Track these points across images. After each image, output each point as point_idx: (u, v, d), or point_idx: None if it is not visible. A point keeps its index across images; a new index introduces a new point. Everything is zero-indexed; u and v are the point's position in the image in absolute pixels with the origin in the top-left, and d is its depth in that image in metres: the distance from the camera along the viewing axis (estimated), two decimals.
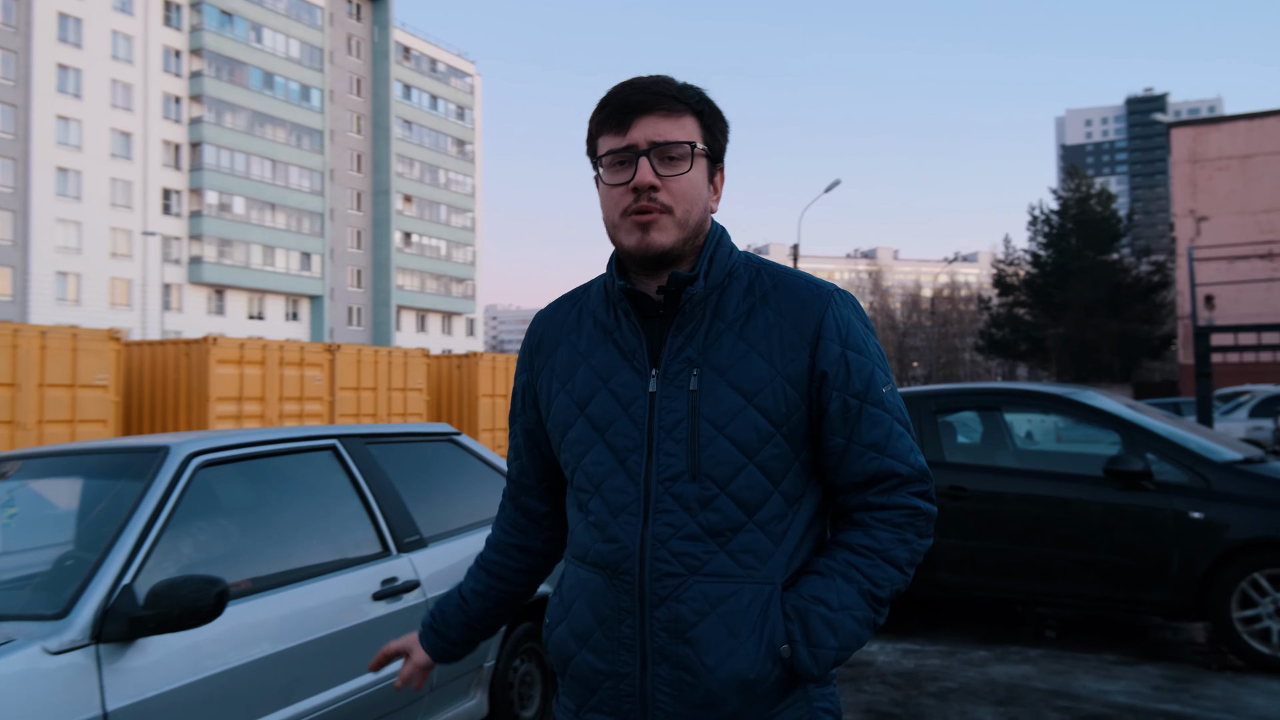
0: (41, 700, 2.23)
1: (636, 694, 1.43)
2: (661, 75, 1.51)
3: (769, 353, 1.45)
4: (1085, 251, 45.01)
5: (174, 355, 15.23)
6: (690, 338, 1.47)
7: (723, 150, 1.54)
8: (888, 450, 1.47)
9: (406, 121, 69.28)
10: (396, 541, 3.57)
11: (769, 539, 1.44)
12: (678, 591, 1.41)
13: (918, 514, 1.48)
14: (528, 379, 1.66)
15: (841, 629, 1.42)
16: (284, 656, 2.89)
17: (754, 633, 1.40)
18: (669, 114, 1.46)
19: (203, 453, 3.07)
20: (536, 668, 4.28)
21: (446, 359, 20.40)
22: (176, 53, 55.42)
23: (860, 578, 1.44)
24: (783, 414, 1.44)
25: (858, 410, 1.46)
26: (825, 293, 1.50)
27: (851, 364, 1.46)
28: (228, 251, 56.68)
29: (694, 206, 1.47)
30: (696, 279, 1.47)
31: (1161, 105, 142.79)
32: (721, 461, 1.42)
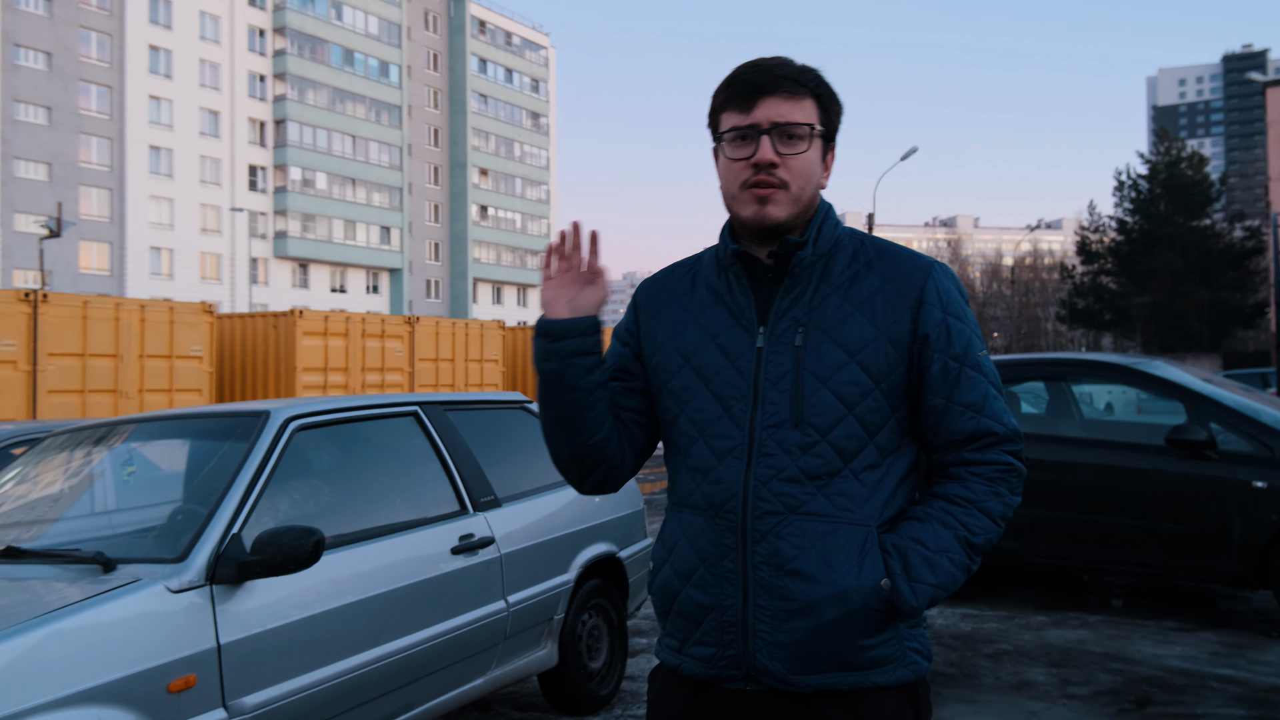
0: (165, 631, 2.55)
1: (738, 624, 1.54)
2: (783, 57, 1.61)
3: (872, 314, 1.56)
4: (1174, 217, 43.51)
5: (263, 327, 15.91)
6: (797, 300, 1.59)
7: (836, 130, 1.65)
8: (984, 410, 1.57)
9: (482, 95, 69.97)
10: (473, 501, 3.84)
11: (863, 486, 1.54)
12: (778, 528, 1.52)
13: (1010, 469, 1.58)
14: (631, 331, 1.73)
15: (939, 568, 1.52)
16: (372, 602, 3.18)
17: (854, 566, 1.51)
18: (790, 96, 1.56)
19: (299, 417, 3.36)
20: (603, 623, 4.55)
21: (521, 330, 20.84)
22: (261, 32, 56.81)
23: (956, 524, 1.55)
24: (883, 371, 1.55)
25: (957, 372, 1.57)
26: (927, 263, 1.62)
27: (952, 329, 1.58)
28: (311, 226, 58.19)
29: (808, 183, 1.59)
30: (806, 244, 1.59)
31: (1261, 62, 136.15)
32: (823, 411, 1.53)
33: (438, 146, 68.42)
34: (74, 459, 3.60)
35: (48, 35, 46.67)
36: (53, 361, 12.56)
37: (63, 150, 47.09)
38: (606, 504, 4.68)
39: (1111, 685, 4.54)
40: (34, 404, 12.31)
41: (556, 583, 4.15)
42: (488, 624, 3.69)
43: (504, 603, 3.79)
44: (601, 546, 4.53)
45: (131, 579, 2.61)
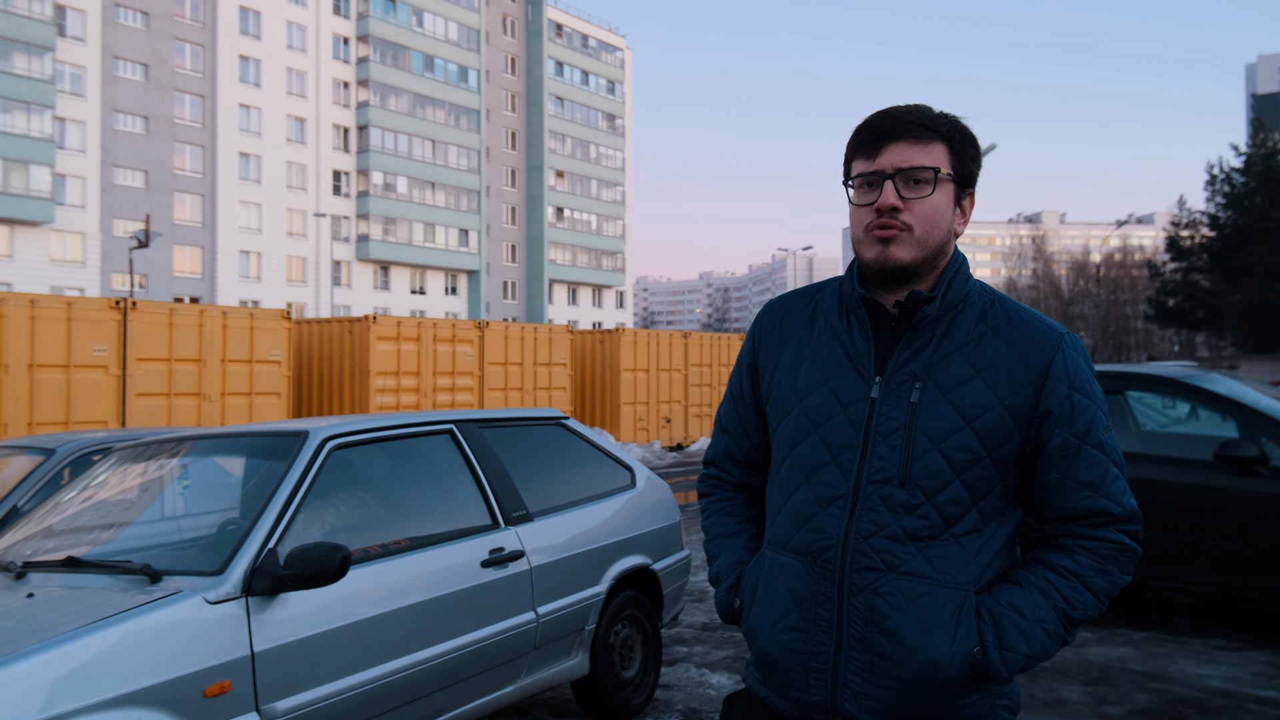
0: (202, 640, 2.77)
1: (828, 671, 1.57)
2: (918, 104, 1.63)
3: (994, 381, 1.55)
4: (1271, 212, 41.75)
5: (338, 332, 16.45)
6: (917, 353, 1.59)
7: (972, 176, 1.64)
8: (1101, 490, 1.56)
9: (559, 98, 70.69)
10: (504, 515, 4.01)
11: (964, 550, 1.55)
12: (876, 584, 1.54)
13: (1123, 550, 1.56)
14: (751, 363, 1.80)
15: (1032, 637, 1.52)
16: (403, 613, 3.38)
17: (948, 631, 1.52)
18: (917, 141, 1.57)
19: (337, 436, 3.58)
20: (637, 633, 4.68)
21: (590, 334, 21.09)
22: (345, 40, 58.36)
23: (1057, 595, 1.54)
24: (997, 441, 1.55)
25: (1077, 449, 1.55)
26: (1058, 335, 1.59)
27: (1077, 405, 1.56)
28: (392, 229, 59.57)
29: (934, 228, 1.58)
30: (934, 299, 1.59)
31: None
32: (932, 473, 1.54)
33: (515, 149, 69.36)
34: (137, 472, 3.88)
35: (145, 48, 48.68)
36: (141, 366, 13.21)
37: (158, 158, 49.08)
38: (641, 518, 4.81)
39: (1146, 705, 4.51)
40: (123, 406, 12.97)
41: (588, 594, 4.30)
42: (517, 634, 3.86)
43: (533, 614, 3.95)
44: (635, 559, 4.66)
45: (174, 590, 2.84)
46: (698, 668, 5.30)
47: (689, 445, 21.85)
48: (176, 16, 50.11)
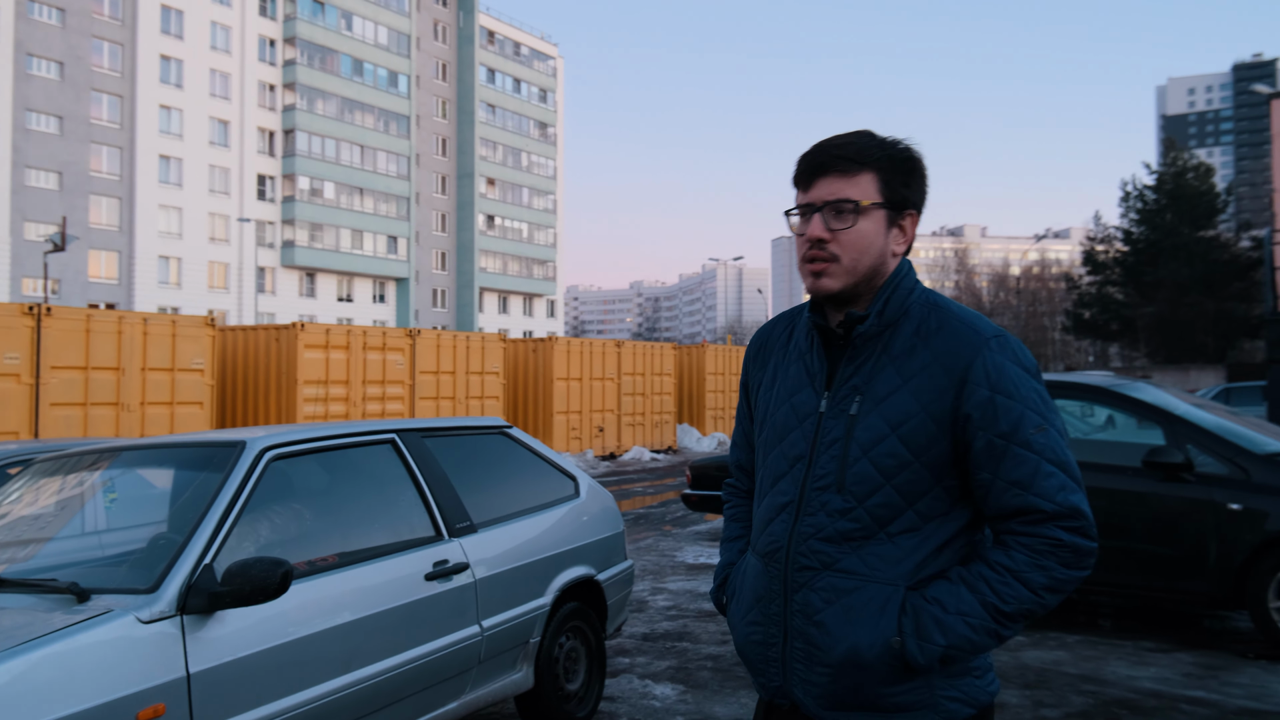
0: (135, 661, 2.64)
1: (779, 661, 1.73)
2: (857, 133, 1.71)
3: (919, 390, 1.63)
4: (1181, 228, 43.42)
5: (265, 340, 16.04)
6: (859, 368, 1.69)
7: (906, 198, 1.71)
8: (1032, 488, 1.58)
9: (490, 105, 70.28)
10: (448, 527, 3.92)
11: (897, 548, 1.63)
12: (812, 581, 1.68)
13: (1060, 545, 1.57)
14: (745, 382, 1.97)
15: (951, 630, 1.58)
16: (345, 629, 3.27)
17: (870, 623, 1.61)
18: (844, 174, 1.67)
19: (275, 447, 3.45)
20: (581, 645, 4.62)
21: (523, 343, 20.94)
22: (271, 42, 57.20)
23: (986, 590, 1.59)
24: (922, 445, 1.63)
25: (1003, 449, 1.60)
26: (982, 339, 1.64)
27: (999, 407, 1.60)
28: (318, 235, 58.49)
29: (863, 255, 1.67)
30: (867, 319, 1.69)
31: (1270, 72, 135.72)
32: (862, 480, 1.64)
33: (445, 156, 68.72)
34: (59, 485, 3.70)
35: (60, 45, 47.07)
36: (55, 374, 12.71)
37: (73, 159, 47.45)
38: (585, 528, 4.76)
39: (1083, 707, 4.60)
40: (36, 417, 12.46)
41: (532, 606, 4.23)
42: (461, 649, 3.77)
43: (478, 627, 3.87)
44: (580, 570, 4.60)
45: (104, 610, 2.69)
46: (640, 679, 5.26)
47: (622, 454, 21.81)
48: (94, 14, 48.57)
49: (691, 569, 8.59)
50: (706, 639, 6.09)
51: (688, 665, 5.51)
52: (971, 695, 1.66)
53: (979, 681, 1.68)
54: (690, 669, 5.43)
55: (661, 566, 8.71)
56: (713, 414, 25.28)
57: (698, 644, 5.97)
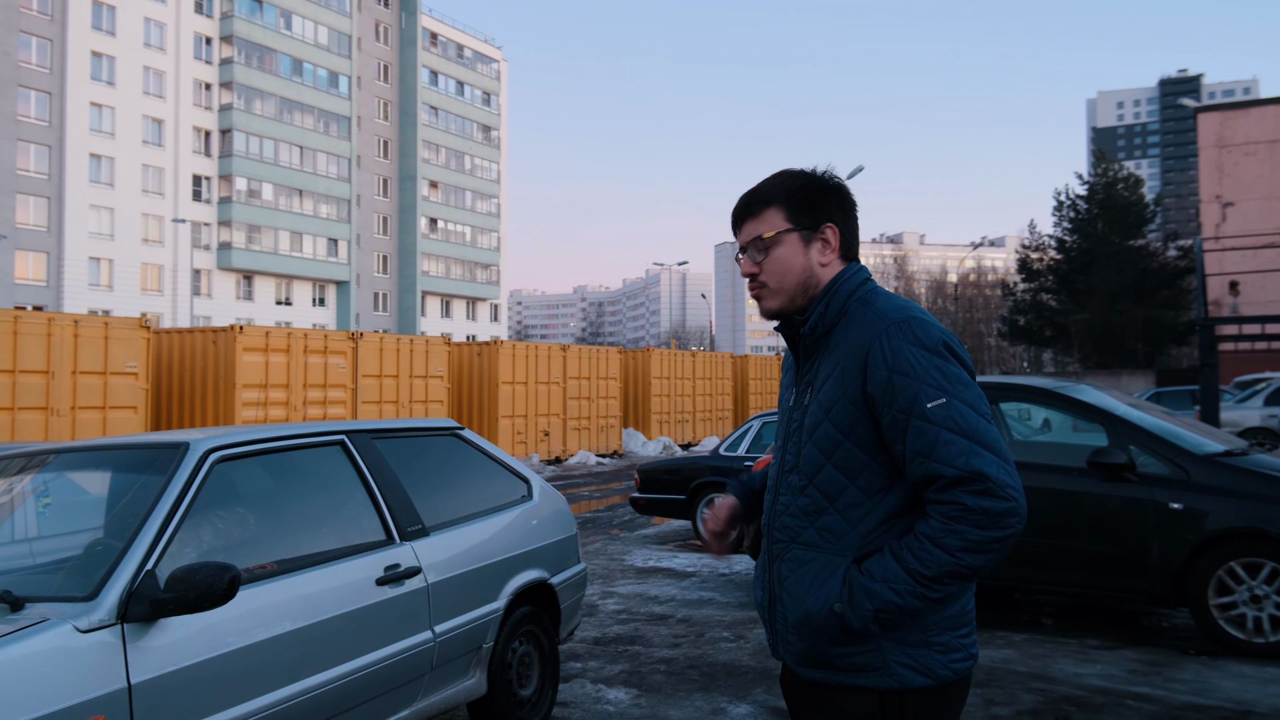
0: (73, 673, 2.51)
1: (769, 621, 1.98)
2: (766, 179, 2.00)
3: (841, 377, 1.86)
4: (1111, 237, 44.55)
5: (201, 343, 15.65)
6: (812, 367, 1.95)
7: (817, 219, 1.95)
8: (933, 456, 1.75)
9: (433, 107, 69.64)
10: (400, 530, 3.83)
11: (846, 522, 1.84)
12: (783, 553, 1.93)
13: (967, 510, 1.71)
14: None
15: (877, 595, 1.76)
16: (293, 636, 3.16)
17: (821, 591, 1.83)
18: (755, 216, 1.97)
19: (220, 449, 3.33)
20: (534, 650, 4.55)
21: (467, 346, 20.73)
22: (208, 40, 56.00)
23: (909, 557, 1.75)
24: (847, 425, 1.84)
25: (904, 423, 1.78)
26: (883, 325, 1.84)
27: (895, 385, 1.79)
28: (256, 237, 57.37)
29: (786, 275, 1.95)
30: (806, 323, 1.94)
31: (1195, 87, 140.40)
32: (809, 460, 1.89)
33: (387, 158, 67.92)
34: None
35: None
36: None
37: None
38: (539, 531, 4.69)
39: (1033, 705, 4.65)
40: None
41: (486, 611, 4.15)
42: (414, 655, 3.68)
43: (430, 633, 3.78)
44: (533, 573, 4.53)
45: (39, 619, 2.57)
46: (593, 683, 5.20)
47: (568, 459, 21.70)
48: (22, 8, 47.10)
49: (641, 572, 8.54)
50: (659, 642, 6.05)
51: (640, 669, 5.46)
52: (927, 666, 1.79)
53: (940, 656, 1.80)
54: (643, 673, 5.39)
55: (611, 570, 8.65)
56: (658, 418, 25.28)
57: (650, 647, 5.93)
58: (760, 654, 5.70)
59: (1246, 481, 5.51)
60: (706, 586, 7.89)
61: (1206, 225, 30.16)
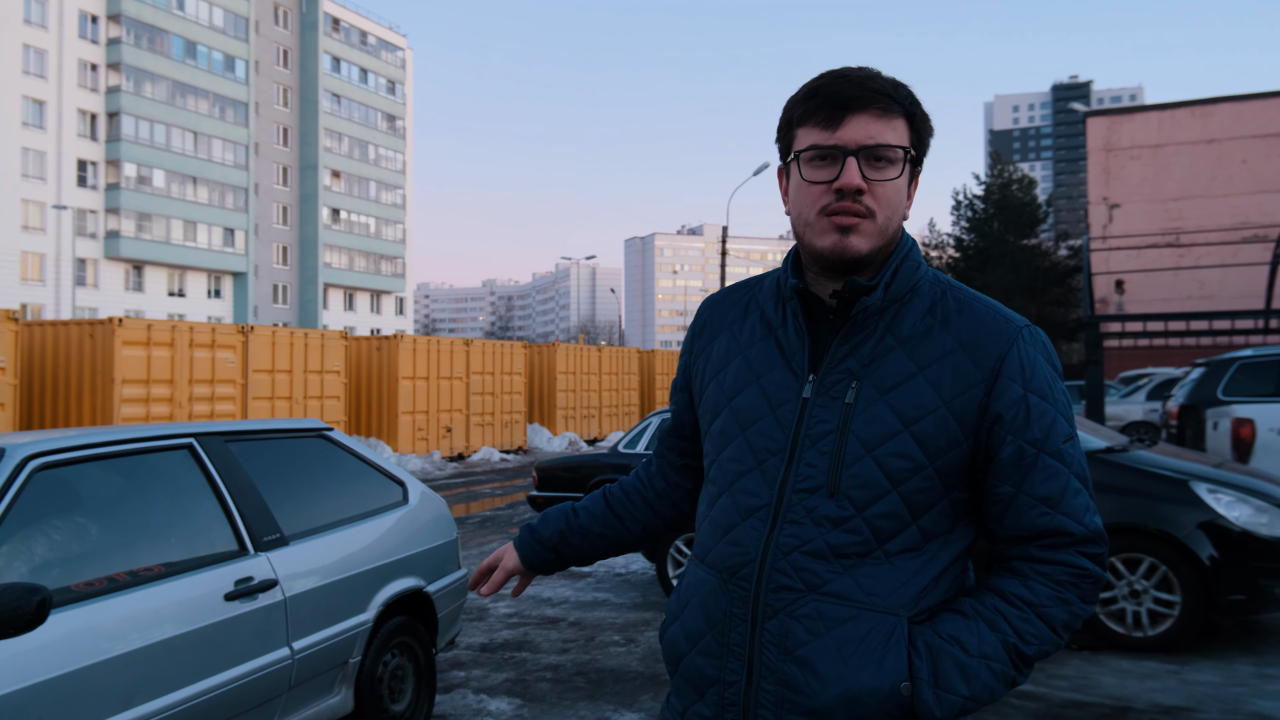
0: None
1: (739, 704, 1.40)
2: (872, 69, 1.42)
3: (938, 380, 1.37)
4: (1006, 236, 46.01)
5: (77, 336, 14.83)
6: (855, 349, 1.41)
7: (922, 157, 1.46)
8: (1060, 506, 1.36)
9: (335, 95, 67.90)
10: (254, 540, 3.56)
11: (897, 571, 1.36)
12: (792, 607, 1.36)
13: (1085, 575, 1.37)
14: (687, 362, 1.64)
15: (975, 678, 1.32)
16: (124, 659, 2.88)
17: (872, 663, 1.32)
18: (883, 114, 1.38)
19: (42, 454, 3.03)
20: (409, 662, 4.32)
21: (366, 340, 20.17)
22: (93, 18, 53.51)
23: (1007, 628, 1.34)
24: (940, 448, 1.36)
25: (1033, 459, 1.36)
26: (1014, 328, 1.40)
27: (1033, 409, 1.37)
28: (146, 226, 55.10)
29: (895, 213, 1.41)
30: (875, 289, 1.40)
31: (1085, 93, 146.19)
32: (864, 483, 1.36)
33: (287, 146, 65.97)
34: None
35: None
36: None
37: None
38: (414, 537, 4.46)
39: None
40: None
41: (352, 624, 3.91)
42: (268, 674, 3.42)
43: (288, 649, 3.52)
44: (407, 582, 4.30)
45: None
46: (475, 693, 4.99)
47: (471, 455, 21.32)
48: None
49: None
50: (547, 648, 5.87)
51: (526, 677, 5.27)
52: None
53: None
54: (528, 681, 5.20)
55: None
56: (564, 414, 25.06)
57: (538, 653, 5.74)
58: (650, 659, 5.56)
59: (1127, 478, 5.60)
60: (601, 587, 7.74)
61: (1094, 226, 31.30)
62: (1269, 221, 27.80)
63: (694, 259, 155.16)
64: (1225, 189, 29.61)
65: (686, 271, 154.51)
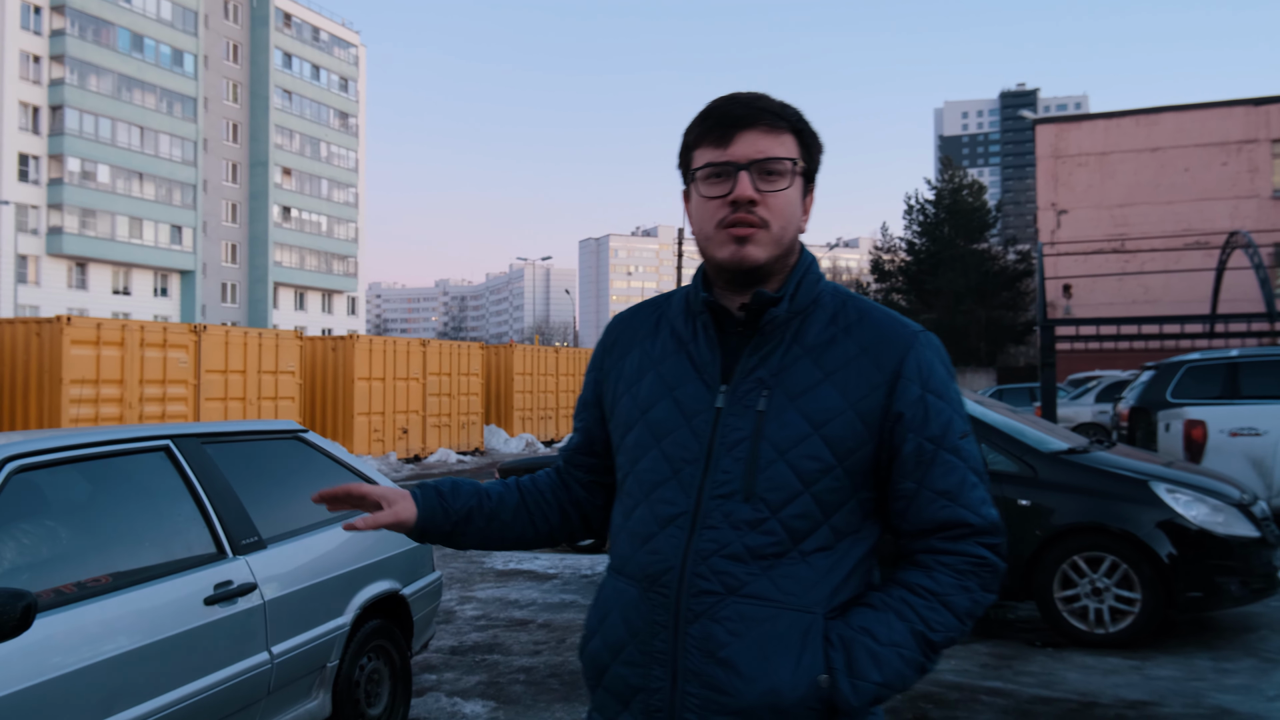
0: None
1: (665, 709, 1.43)
2: (761, 92, 1.51)
3: (844, 384, 1.45)
4: (957, 241, 46.72)
5: (23, 335, 14.47)
6: (765, 359, 1.48)
7: (816, 171, 1.55)
8: (959, 499, 1.44)
9: (286, 91, 66.95)
10: (233, 543, 3.51)
11: (813, 570, 1.43)
12: (713, 610, 1.41)
13: (984, 564, 1.45)
14: (597, 378, 1.67)
15: (886, 664, 1.39)
16: (106, 665, 2.83)
17: (791, 659, 1.39)
18: (770, 130, 1.47)
19: (20, 456, 2.96)
20: (385, 665, 4.29)
21: (321, 340, 19.93)
22: (36, 9, 52.21)
23: (914, 617, 1.42)
24: (848, 448, 1.44)
25: (932, 455, 1.44)
26: (911, 333, 1.49)
27: (931, 407, 1.45)
28: (91, 222, 53.87)
29: (789, 223, 1.48)
30: (781, 300, 1.48)
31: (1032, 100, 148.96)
32: (778, 486, 1.42)
33: (236, 143, 64.90)
34: None
35: None
36: None
37: None
38: (389, 539, 4.42)
39: (891, 703, 4.67)
40: None
41: (330, 627, 3.87)
42: (248, 679, 3.37)
43: (267, 654, 3.48)
44: (383, 584, 4.27)
45: None
46: (449, 696, 4.96)
47: (427, 457, 21.15)
48: None
49: (501, 575, 8.31)
50: (518, 650, 5.85)
51: (499, 679, 5.25)
52: None
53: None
54: (501, 683, 5.18)
55: (469, 573, 8.39)
56: (521, 415, 24.96)
57: (509, 655, 5.72)
58: None
59: (1089, 478, 5.73)
60: (568, 589, 7.73)
61: (1043, 231, 31.91)
62: (1210, 229, 28.58)
63: (648, 260, 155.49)
64: (1168, 196, 30.37)
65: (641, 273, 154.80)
